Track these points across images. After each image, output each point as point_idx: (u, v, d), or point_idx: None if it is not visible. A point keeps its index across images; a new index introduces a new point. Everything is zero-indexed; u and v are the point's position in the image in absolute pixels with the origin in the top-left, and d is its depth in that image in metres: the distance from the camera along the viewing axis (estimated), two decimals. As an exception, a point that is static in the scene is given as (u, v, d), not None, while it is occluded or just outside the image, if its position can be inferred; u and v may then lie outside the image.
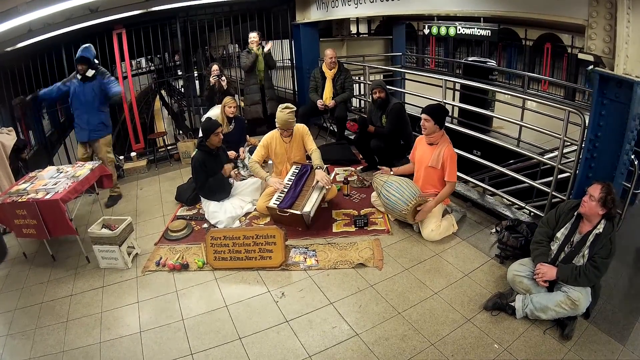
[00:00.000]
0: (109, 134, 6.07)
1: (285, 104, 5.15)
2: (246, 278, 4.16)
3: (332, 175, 5.08)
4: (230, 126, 6.37)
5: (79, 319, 3.77)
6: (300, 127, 5.34)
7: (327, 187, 4.87)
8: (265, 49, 7.53)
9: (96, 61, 5.80)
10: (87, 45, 5.68)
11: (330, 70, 7.19)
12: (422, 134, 4.76)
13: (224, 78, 6.96)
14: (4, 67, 6.75)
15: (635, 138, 3.53)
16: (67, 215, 4.36)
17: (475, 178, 5.73)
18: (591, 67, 3.60)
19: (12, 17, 4.96)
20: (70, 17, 6.42)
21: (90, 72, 5.64)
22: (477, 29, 14.14)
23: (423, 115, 4.59)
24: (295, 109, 5.17)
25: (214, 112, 6.43)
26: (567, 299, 3.18)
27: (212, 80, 7.02)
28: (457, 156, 4.63)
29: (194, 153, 5.34)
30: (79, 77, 5.67)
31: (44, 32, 6.35)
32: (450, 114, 8.71)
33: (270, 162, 5.52)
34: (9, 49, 6.22)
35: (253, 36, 7.57)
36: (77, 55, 5.61)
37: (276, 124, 5.18)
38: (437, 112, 4.58)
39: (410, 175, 4.94)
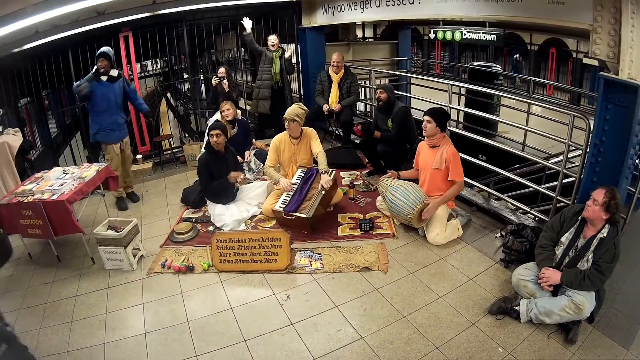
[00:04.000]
0: None
1: (301, 103, 5.33)
2: (251, 281, 4.17)
3: (333, 174, 5.06)
4: (233, 130, 6.36)
5: (83, 320, 3.78)
6: (309, 131, 5.40)
7: (325, 187, 4.88)
8: (286, 55, 7.55)
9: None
10: (105, 47, 5.65)
11: (337, 74, 7.21)
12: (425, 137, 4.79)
13: (225, 80, 6.95)
14: (11, 68, 6.80)
15: (640, 142, 3.53)
16: (74, 216, 4.38)
17: (480, 182, 5.72)
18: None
19: (20, 18, 4.99)
20: (77, 20, 6.45)
21: (114, 72, 5.62)
22: (483, 33, 14.18)
23: (425, 117, 4.64)
24: (307, 109, 5.29)
25: (219, 116, 6.44)
26: (571, 303, 3.18)
27: (214, 81, 7.03)
28: (459, 156, 4.65)
29: (199, 156, 5.35)
30: (104, 78, 5.56)
31: (51, 34, 6.38)
32: (455, 118, 8.74)
33: (277, 165, 5.53)
34: (15, 50, 6.26)
35: (273, 39, 7.54)
36: (97, 54, 5.54)
37: (284, 115, 5.27)
38: (439, 114, 4.64)
39: (415, 180, 4.94)
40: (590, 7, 3.52)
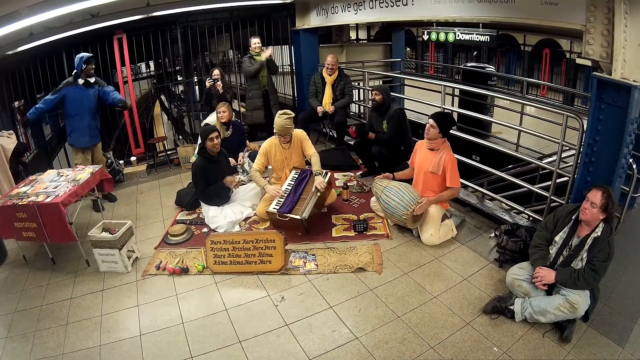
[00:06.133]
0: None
1: (284, 110, 5.16)
2: (246, 282, 4.17)
3: (328, 176, 5.07)
4: (228, 132, 6.35)
5: (78, 322, 3.77)
6: (299, 133, 5.35)
7: (320, 189, 4.88)
8: (264, 56, 7.46)
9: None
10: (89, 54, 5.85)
11: (330, 75, 7.21)
12: (423, 139, 4.78)
13: (219, 82, 6.95)
14: (5, 70, 6.77)
15: (633, 142, 3.54)
16: (67, 220, 4.36)
17: (474, 183, 5.74)
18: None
19: (14, 20, 4.98)
20: (72, 22, 6.44)
21: (93, 78, 5.85)
22: (476, 34, 14.23)
23: (430, 121, 4.58)
24: (293, 115, 5.16)
25: (212, 118, 6.43)
26: (566, 302, 3.19)
27: (207, 83, 7.03)
28: (457, 162, 4.64)
29: (192, 158, 5.33)
30: (80, 81, 5.78)
31: (45, 36, 6.37)
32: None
33: (270, 167, 5.52)
34: (10, 52, 6.24)
35: (255, 42, 7.49)
36: (84, 57, 5.76)
37: (274, 129, 5.19)
38: (444, 120, 4.59)
39: (410, 181, 4.94)
40: (583, 8, 3.53)
